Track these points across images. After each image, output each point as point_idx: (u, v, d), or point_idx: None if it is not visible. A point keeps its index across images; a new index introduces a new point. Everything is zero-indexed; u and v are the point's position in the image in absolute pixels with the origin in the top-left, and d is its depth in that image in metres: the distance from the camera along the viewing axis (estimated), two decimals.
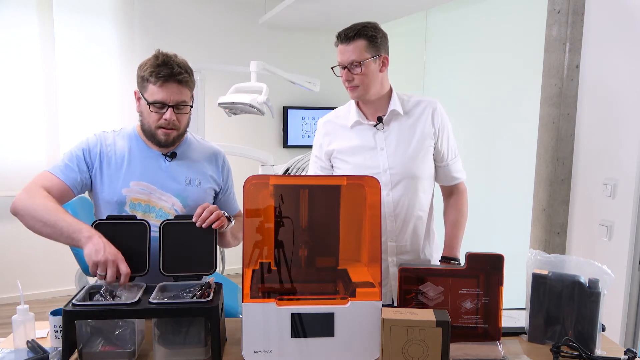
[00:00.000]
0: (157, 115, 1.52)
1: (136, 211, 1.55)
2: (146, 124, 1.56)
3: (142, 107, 1.55)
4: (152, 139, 1.57)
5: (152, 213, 1.56)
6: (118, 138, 1.61)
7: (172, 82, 1.49)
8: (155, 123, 1.53)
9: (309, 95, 4.62)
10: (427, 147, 1.75)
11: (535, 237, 2.54)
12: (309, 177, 1.83)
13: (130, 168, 1.57)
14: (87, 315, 1.24)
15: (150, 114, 1.52)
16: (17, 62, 3.84)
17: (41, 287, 4.04)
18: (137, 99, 1.56)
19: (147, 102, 1.51)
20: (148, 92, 1.51)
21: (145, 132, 1.58)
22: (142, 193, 1.56)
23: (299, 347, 1.27)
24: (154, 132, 1.55)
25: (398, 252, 1.76)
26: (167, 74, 1.48)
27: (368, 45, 1.66)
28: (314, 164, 1.88)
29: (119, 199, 1.54)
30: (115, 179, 1.56)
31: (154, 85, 1.49)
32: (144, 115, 1.56)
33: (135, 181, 1.56)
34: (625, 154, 2.11)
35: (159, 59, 1.50)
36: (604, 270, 1.37)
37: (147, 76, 1.49)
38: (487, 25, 3.33)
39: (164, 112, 1.51)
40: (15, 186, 3.91)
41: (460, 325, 1.42)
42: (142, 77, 1.52)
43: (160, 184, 1.58)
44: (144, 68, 1.51)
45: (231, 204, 1.76)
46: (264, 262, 1.40)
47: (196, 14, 4.37)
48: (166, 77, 1.48)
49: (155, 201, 1.56)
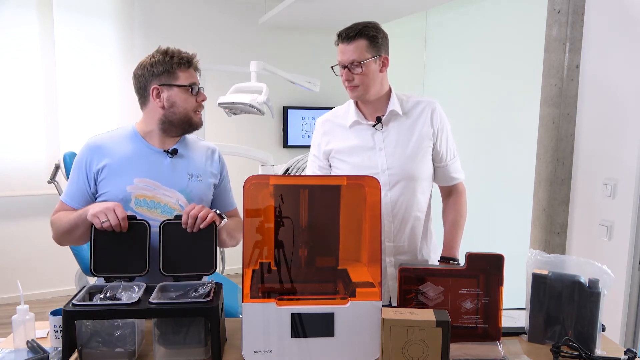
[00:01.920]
0: (193, 98, 1.61)
1: (142, 207, 1.56)
2: (181, 112, 1.60)
3: (174, 97, 1.59)
4: (184, 125, 1.62)
5: (158, 209, 1.57)
6: (117, 137, 1.63)
7: (192, 68, 1.62)
8: (192, 106, 1.61)
9: (309, 95, 4.62)
10: (425, 147, 1.75)
11: (535, 237, 2.54)
12: (309, 177, 1.83)
13: (133, 166, 1.58)
14: (87, 315, 1.24)
15: (187, 99, 1.59)
16: (17, 62, 3.84)
17: (41, 287, 4.04)
18: (157, 95, 1.59)
19: (184, 86, 1.58)
20: (181, 79, 1.58)
21: (174, 122, 1.60)
22: (147, 189, 1.57)
23: (299, 347, 1.27)
24: (190, 115, 1.61)
25: (396, 253, 1.76)
26: (188, 59, 1.60)
27: (369, 45, 1.66)
28: (312, 164, 1.88)
29: (124, 196, 1.55)
30: (118, 178, 1.57)
31: (185, 72, 1.59)
32: (177, 104, 1.59)
33: (139, 178, 1.57)
34: (625, 154, 2.11)
35: (169, 50, 1.60)
36: (604, 270, 1.37)
37: (175, 65, 1.57)
38: (487, 25, 3.33)
39: (196, 95, 1.61)
40: (15, 186, 3.92)
41: (460, 325, 1.42)
42: (165, 71, 1.57)
43: (164, 180, 1.59)
44: (164, 60, 1.57)
45: (226, 199, 1.76)
46: (264, 262, 1.40)
47: (196, 14, 4.37)
48: (189, 62, 1.60)
49: (160, 197, 1.58)
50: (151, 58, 1.59)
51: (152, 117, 1.61)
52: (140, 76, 1.60)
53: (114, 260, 1.42)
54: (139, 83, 1.61)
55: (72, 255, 2.76)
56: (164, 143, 1.63)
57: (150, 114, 1.62)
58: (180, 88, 1.58)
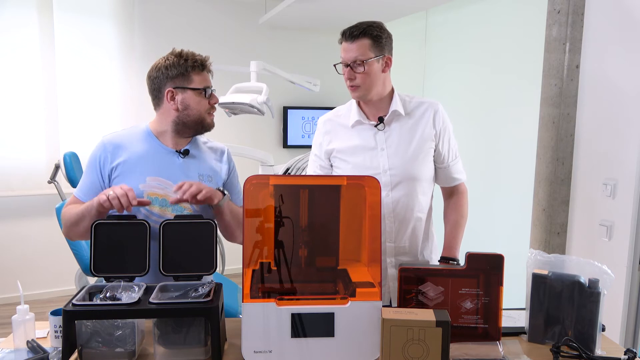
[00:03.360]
0: (206, 100, 1.63)
1: (153, 205, 1.57)
2: (195, 114, 1.61)
3: (188, 100, 1.60)
4: (196, 127, 1.63)
5: (169, 207, 1.59)
6: (131, 136, 1.64)
7: (205, 70, 1.64)
8: (205, 108, 1.63)
9: (309, 95, 4.62)
10: (427, 149, 1.75)
11: (535, 237, 2.54)
12: (309, 177, 1.82)
13: (145, 164, 1.59)
14: (87, 315, 1.24)
15: (200, 101, 1.61)
16: (17, 63, 3.84)
17: (41, 287, 4.04)
18: (171, 98, 1.60)
19: (199, 89, 1.60)
20: (195, 82, 1.60)
21: (188, 124, 1.62)
22: (159, 188, 1.59)
23: (299, 347, 1.27)
24: (204, 117, 1.63)
25: (397, 253, 1.76)
26: (202, 62, 1.62)
27: (372, 44, 1.66)
28: (313, 163, 1.88)
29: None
30: (131, 176, 1.58)
31: (199, 75, 1.60)
32: (191, 107, 1.61)
33: (151, 177, 1.59)
34: (625, 154, 2.11)
35: (183, 52, 1.61)
36: (604, 270, 1.37)
37: (190, 69, 1.59)
38: (487, 25, 3.33)
39: (209, 97, 1.63)
40: (15, 186, 3.92)
41: (460, 325, 1.42)
42: (180, 74, 1.58)
43: (176, 180, 1.59)
44: (179, 63, 1.58)
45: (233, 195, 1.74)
46: (264, 262, 1.40)
47: (196, 14, 4.36)
48: (202, 65, 1.62)
49: (172, 196, 1.58)
50: (165, 60, 1.60)
51: (165, 118, 1.63)
52: (155, 78, 1.61)
53: (114, 260, 1.42)
54: (153, 85, 1.62)
55: (72, 255, 2.76)
56: (176, 143, 1.65)
57: (164, 115, 1.63)
58: (194, 91, 1.60)
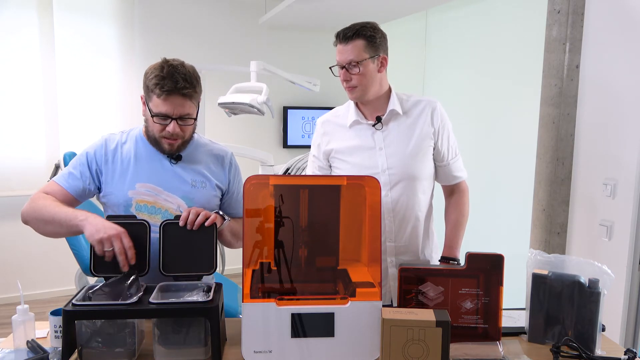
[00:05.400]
0: (161, 126, 1.51)
1: (142, 213, 1.55)
2: (150, 132, 1.56)
3: (146, 115, 1.55)
4: (156, 145, 1.58)
5: (158, 214, 1.56)
6: (126, 139, 1.62)
7: (176, 96, 1.47)
8: (159, 133, 1.53)
9: (309, 95, 4.62)
10: (426, 147, 1.75)
11: (535, 237, 2.54)
12: (309, 177, 1.82)
13: (136, 170, 1.57)
14: (87, 315, 1.24)
15: (154, 124, 1.52)
16: (17, 63, 3.84)
17: (41, 287, 4.04)
18: (143, 103, 1.56)
19: (151, 113, 1.50)
20: (152, 103, 1.49)
21: (149, 139, 1.59)
22: (148, 195, 1.56)
23: (299, 347, 1.27)
24: (158, 140, 1.55)
25: (397, 253, 1.76)
26: (171, 87, 1.45)
27: (367, 45, 1.66)
28: (312, 164, 1.88)
29: (125, 201, 1.55)
30: (121, 181, 1.56)
31: (158, 97, 1.47)
32: (148, 123, 1.56)
33: (141, 183, 1.56)
34: (625, 154, 2.10)
35: (164, 70, 1.46)
36: (604, 270, 1.37)
37: (152, 87, 1.47)
38: (487, 25, 3.33)
39: (167, 124, 1.50)
40: (15, 186, 3.92)
41: (460, 325, 1.42)
42: (147, 87, 1.51)
43: (167, 186, 1.58)
44: (149, 77, 1.49)
45: (235, 208, 1.71)
46: (264, 262, 1.40)
47: (196, 14, 4.36)
48: (170, 90, 1.46)
49: (161, 203, 1.57)
50: (151, 66, 1.53)
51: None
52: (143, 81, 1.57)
53: (114, 260, 1.42)
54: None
55: (72, 255, 2.76)
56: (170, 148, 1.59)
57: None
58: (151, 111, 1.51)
